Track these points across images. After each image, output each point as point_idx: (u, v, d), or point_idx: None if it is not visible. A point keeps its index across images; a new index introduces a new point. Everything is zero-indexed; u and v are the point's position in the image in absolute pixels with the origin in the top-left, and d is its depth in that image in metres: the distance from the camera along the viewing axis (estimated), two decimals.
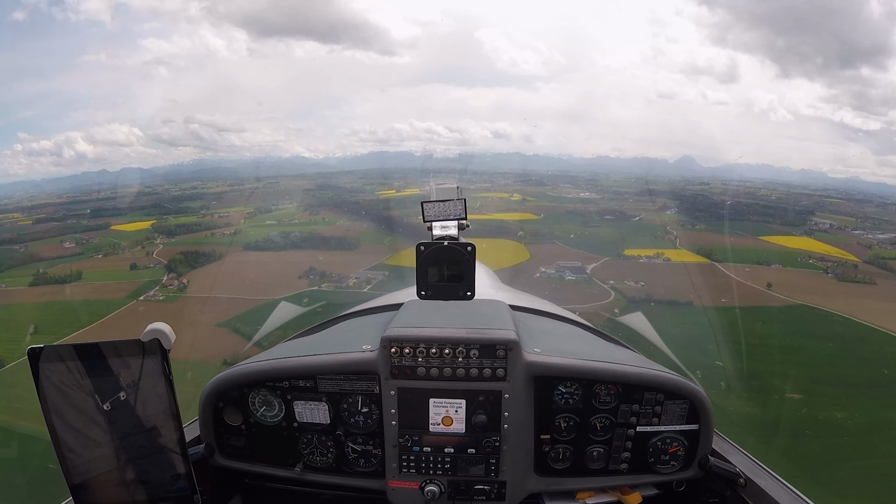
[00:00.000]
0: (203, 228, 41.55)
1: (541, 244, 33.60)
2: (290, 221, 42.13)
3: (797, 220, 41.72)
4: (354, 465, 1.90)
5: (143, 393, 1.25)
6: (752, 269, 28.06)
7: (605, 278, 27.17)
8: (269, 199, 48.76)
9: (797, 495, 1.70)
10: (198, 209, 48.17)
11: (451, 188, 1.81)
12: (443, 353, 1.74)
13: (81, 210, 48.01)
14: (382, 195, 46.17)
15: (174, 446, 1.30)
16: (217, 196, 51.98)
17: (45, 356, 1.20)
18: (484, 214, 36.75)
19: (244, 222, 42.50)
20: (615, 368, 1.80)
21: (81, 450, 1.24)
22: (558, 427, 1.85)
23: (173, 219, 45.68)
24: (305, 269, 28.64)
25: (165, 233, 41.71)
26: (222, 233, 39.47)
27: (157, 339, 1.21)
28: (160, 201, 50.72)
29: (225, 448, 1.95)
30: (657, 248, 31.25)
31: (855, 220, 42.31)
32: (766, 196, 51.03)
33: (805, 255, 31.66)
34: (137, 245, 38.21)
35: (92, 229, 42.74)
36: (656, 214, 39.12)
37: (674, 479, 1.89)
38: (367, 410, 1.86)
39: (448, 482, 1.80)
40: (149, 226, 43.41)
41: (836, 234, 38.57)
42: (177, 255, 32.68)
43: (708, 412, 1.81)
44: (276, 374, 1.84)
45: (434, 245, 1.70)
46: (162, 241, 39.44)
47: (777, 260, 30.63)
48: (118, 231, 43.06)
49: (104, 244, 39.78)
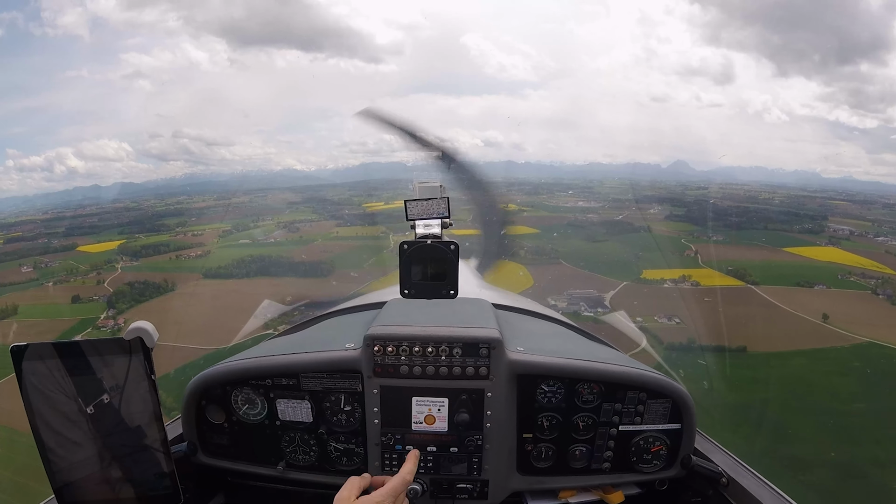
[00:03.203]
0: (171, 249, 36.36)
1: (544, 265, 27.92)
2: (266, 241, 36.73)
3: (814, 227, 38.69)
4: (337, 463, 1.82)
5: (125, 392, 1.21)
6: (795, 293, 23.15)
7: (629, 312, 21.42)
8: (250, 214, 44.55)
9: (779, 494, 1.63)
10: (173, 227, 44.20)
11: (435, 186, 1.68)
12: (426, 351, 1.67)
13: (57, 228, 45.22)
14: (369, 208, 41.90)
15: (157, 445, 1.26)
16: (200, 211, 48.95)
17: (29, 355, 1.16)
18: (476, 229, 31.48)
19: (216, 242, 37.24)
20: (598, 367, 1.72)
21: (64, 449, 1.21)
22: (541, 426, 1.76)
23: (144, 238, 41.47)
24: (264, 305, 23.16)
25: (131, 254, 36.95)
26: (188, 255, 34.14)
27: (140, 337, 1.17)
28: (141, 218, 47.80)
29: (208, 446, 1.85)
30: (679, 268, 25.85)
31: (871, 225, 40.20)
32: (768, 199, 49.67)
33: (843, 272, 26.98)
34: (94, 270, 32.81)
35: (58, 251, 39.58)
36: (664, 224, 34.49)
37: (656, 478, 1.80)
38: (349, 409, 1.76)
39: (430, 481, 1.72)
40: (115, 247, 38.92)
41: (857, 241, 35.68)
42: (124, 286, 27.11)
43: (691, 411, 1.74)
44: (258, 372, 1.76)
45: (417, 244, 1.61)
46: (124, 264, 34.43)
47: (811, 276, 25.90)
48: (83, 253, 38.79)
49: (61, 269, 35.08)
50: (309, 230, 37.83)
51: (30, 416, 1.16)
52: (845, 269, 27.18)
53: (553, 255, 29.58)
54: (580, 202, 44.36)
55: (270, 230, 38.76)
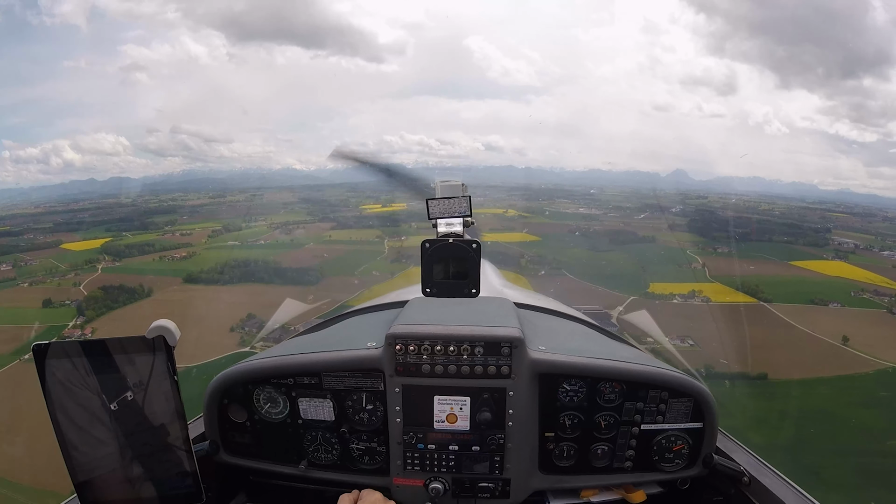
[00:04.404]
0: (156, 250, 34.45)
1: (548, 277, 26.27)
2: (255, 243, 34.87)
3: (818, 240, 37.65)
4: (359, 462, 1.81)
5: (148, 390, 1.20)
6: (810, 312, 21.70)
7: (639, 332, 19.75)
8: (245, 213, 42.71)
9: (802, 494, 1.60)
10: (162, 225, 42.21)
11: (456, 185, 1.73)
12: (447, 350, 1.65)
13: (45, 223, 43.48)
14: (367, 210, 40.26)
15: (179, 444, 1.25)
16: (193, 209, 47.11)
17: (51, 353, 1.16)
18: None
19: (204, 242, 35.29)
20: (620, 366, 1.69)
21: (86, 447, 1.21)
22: (563, 425, 1.73)
23: (130, 236, 39.51)
24: (243, 317, 21.22)
25: (114, 254, 34.98)
26: (172, 256, 32.23)
27: (163, 336, 1.16)
28: (131, 214, 45.75)
29: (229, 445, 1.83)
30: (688, 283, 24.27)
31: (874, 238, 39.27)
32: (768, 210, 48.91)
33: (854, 288, 25.66)
34: (74, 271, 30.92)
35: (41, 248, 37.51)
36: (670, 235, 33.10)
37: (678, 477, 1.77)
38: (371, 408, 1.74)
39: (452, 480, 1.71)
40: (99, 245, 36.88)
41: (863, 254, 34.66)
42: (97, 291, 25.20)
43: (712, 410, 1.70)
44: (280, 371, 1.74)
45: (439, 242, 1.65)
46: (105, 264, 32.47)
47: (823, 293, 24.55)
48: (67, 250, 36.83)
49: (40, 268, 33.03)
50: (301, 233, 36.03)
51: (51, 412, 1.15)
52: (856, 286, 25.84)
53: (556, 266, 27.96)
54: (582, 209, 43.13)
55: (261, 232, 36.91)
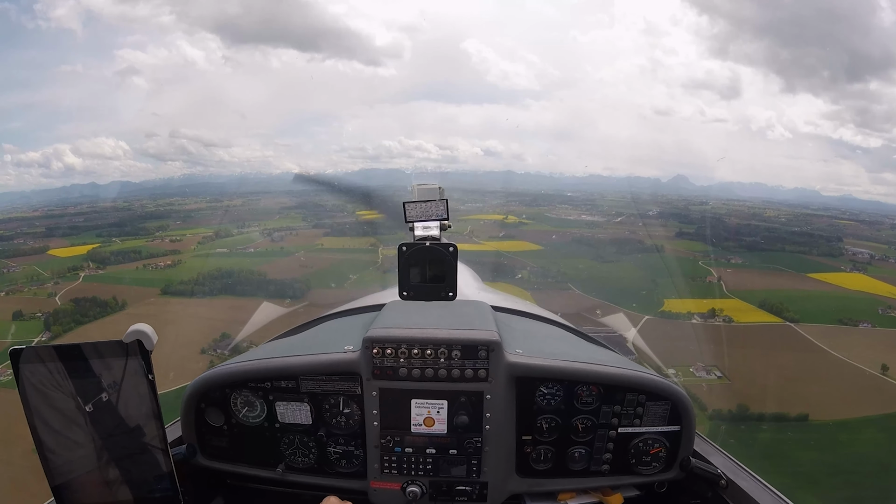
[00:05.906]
0: (142, 257, 32.57)
1: (551, 290, 24.23)
2: (244, 250, 32.87)
3: (832, 250, 35.83)
4: (336, 465, 1.77)
5: (125, 394, 1.19)
6: (841, 334, 19.69)
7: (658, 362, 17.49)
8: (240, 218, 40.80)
9: (778, 496, 1.60)
10: (153, 230, 40.37)
11: (434, 188, 1.73)
12: (424, 353, 1.62)
13: (37, 228, 41.63)
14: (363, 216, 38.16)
15: (157, 447, 1.24)
16: (188, 214, 45.42)
17: (26, 357, 1.14)
18: (476, 244, 27.66)
19: (193, 249, 33.32)
20: (597, 369, 1.68)
21: (64, 450, 1.19)
22: (540, 428, 1.71)
23: (119, 242, 37.69)
24: (217, 337, 19.18)
25: (99, 261, 33.14)
26: (156, 264, 30.26)
27: (139, 340, 1.15)
28: (125, 219, 44.02)
29: (207, 448, 1.79)
30: (704, 298, 22.13)
31: (888, 248, 37.51)
32: (773, 217, 47.14)
33: (881, 305, 23.80)
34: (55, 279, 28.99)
35: (28, 253, 35.76)
36: (676, 243, 30.98)
37: (655, 480, 1.75)
38: (348, 411, 1.71)
39: (430, 483, 1.69)
40: (85, 252, 35.08)
41: (880, 265, 32.73)
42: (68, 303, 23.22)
43: (690, 413, 1.69)
44: (258, 374, 1.71)
45: (416, 246, 1.68)
46: (88, 272, 30.49)
47: (849, 310, 22.60)
48: (52, 257, 35.00)
49: (21, 276, 31.19)
50: (293, 240, 33.99)
51: (28, 416, 1.14)
52: (882, 302, 23.83)
53: (560, 279, 25.86)
54: (583, 215, 41.23)
55: (252, 238, 34.90)
